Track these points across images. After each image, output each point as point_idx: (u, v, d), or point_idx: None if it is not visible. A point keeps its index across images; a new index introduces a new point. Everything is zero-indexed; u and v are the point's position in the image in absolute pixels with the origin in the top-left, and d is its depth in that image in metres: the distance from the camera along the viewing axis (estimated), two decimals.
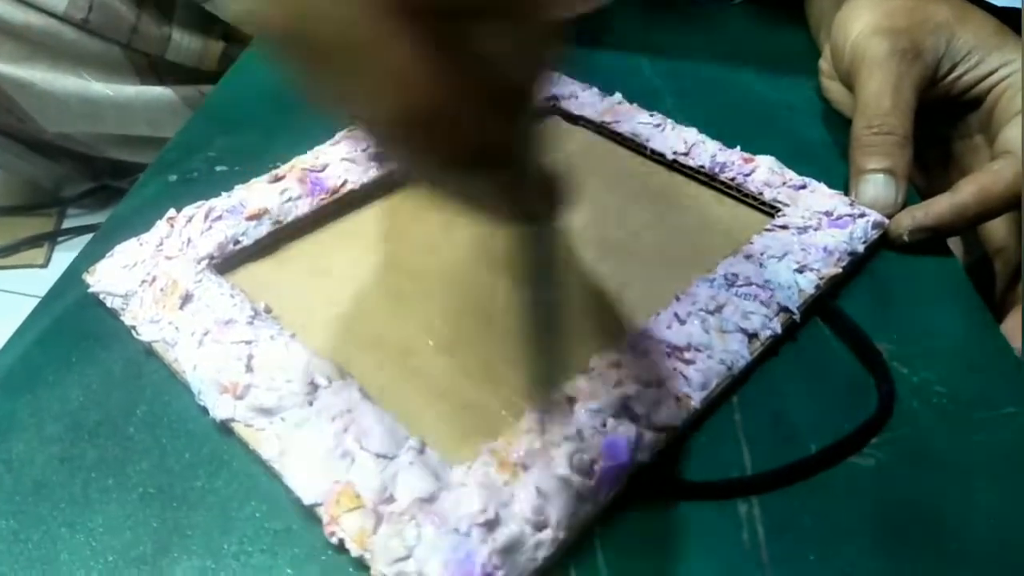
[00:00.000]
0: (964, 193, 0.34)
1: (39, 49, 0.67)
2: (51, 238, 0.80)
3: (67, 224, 0.83)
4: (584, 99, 0.40)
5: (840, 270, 0.31)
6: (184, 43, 0.71)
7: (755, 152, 0.37)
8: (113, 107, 0.71)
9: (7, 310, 0.73)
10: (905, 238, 0.34)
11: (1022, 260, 0.38)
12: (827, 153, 0.40)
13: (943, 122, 0.41)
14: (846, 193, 0.36)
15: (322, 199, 0.32)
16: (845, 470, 0.26)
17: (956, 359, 0.30)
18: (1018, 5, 0.58)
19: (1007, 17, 0.59)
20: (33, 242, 0.79)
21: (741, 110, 0.43)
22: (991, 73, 0.38)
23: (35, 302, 0.76)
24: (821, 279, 0.30)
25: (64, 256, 0.80)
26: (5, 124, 0.72)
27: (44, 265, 0.78)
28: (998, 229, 0.40)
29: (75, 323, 0.28)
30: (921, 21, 0.38)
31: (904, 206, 0.35)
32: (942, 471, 0.26)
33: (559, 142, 0.39)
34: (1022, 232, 0.38)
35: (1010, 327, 0.35)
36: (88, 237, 0.82)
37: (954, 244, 0.43)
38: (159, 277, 0.28)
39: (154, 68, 0.73)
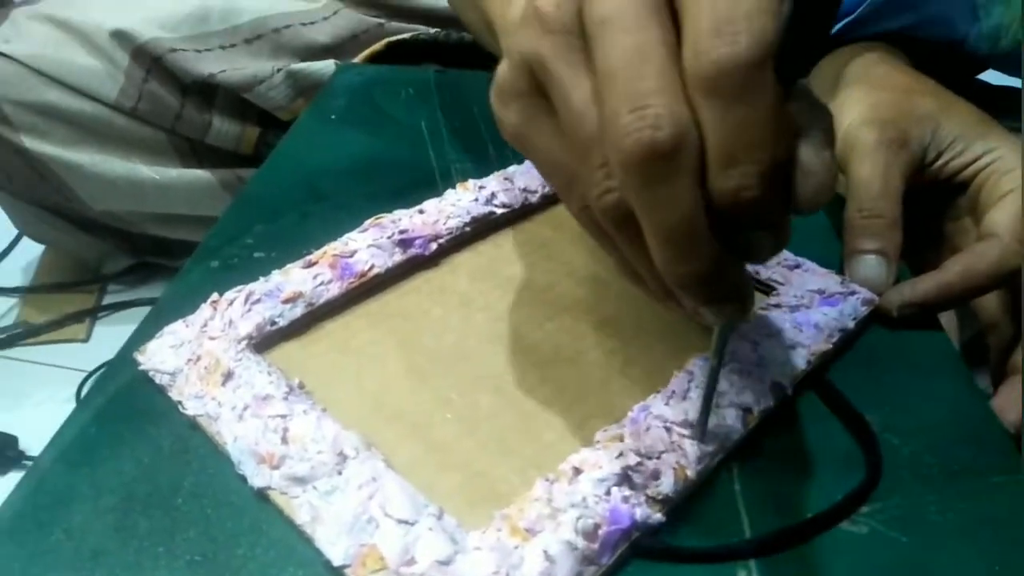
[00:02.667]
0: (950, 272, 0.36)
1: (90, 134, 0.71)
2: (92, 314, 0.84)
3: (107, 300, 0.87)
4: None
5: (831, 346, 0.33)
6: (223, 129, 0.75)
7: None
8: (156, 188, 0.74)
9: (51, 383, 0.76)
10: (894, 314, 0.36)
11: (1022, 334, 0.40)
12: (823, 232, 0.43)
13: (934, 205, 0.43)
14: (839, 271, 0.38)
15: (351, 283, 0.35)
16: (839, 537, 0.27)
17: (945, 430, 0.31)
18: (1013, 84, 0.61)
19: (1003, 95, 0.62)
20: (76, 318, 0.83)
21: None
22: (976, 160, 0.40)
23: (77, 375, 0.79)
24: (812, 355, 0.32)
25: (104, 331, 0.84)
26: (54, 203, 0.76)
27: (86, 340, 0.82)
28: (991, 305, 0.42)
29: (127, 400, 0.31)
30: (908, 112, 0.41)
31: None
32: (933, 538, 0.27)
33: (569, 223, 0.42)
34: (1021, 309, 0.39)
35: (1000, 403, 0.36)
36: (128, 312, 0.86)
37: (951, 319, 0.45)
38: (203, 356, 0.31)
39: (194, 152, 0.77)
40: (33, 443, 0.69)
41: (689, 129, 0.20)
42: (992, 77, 0.63)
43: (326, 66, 0.74)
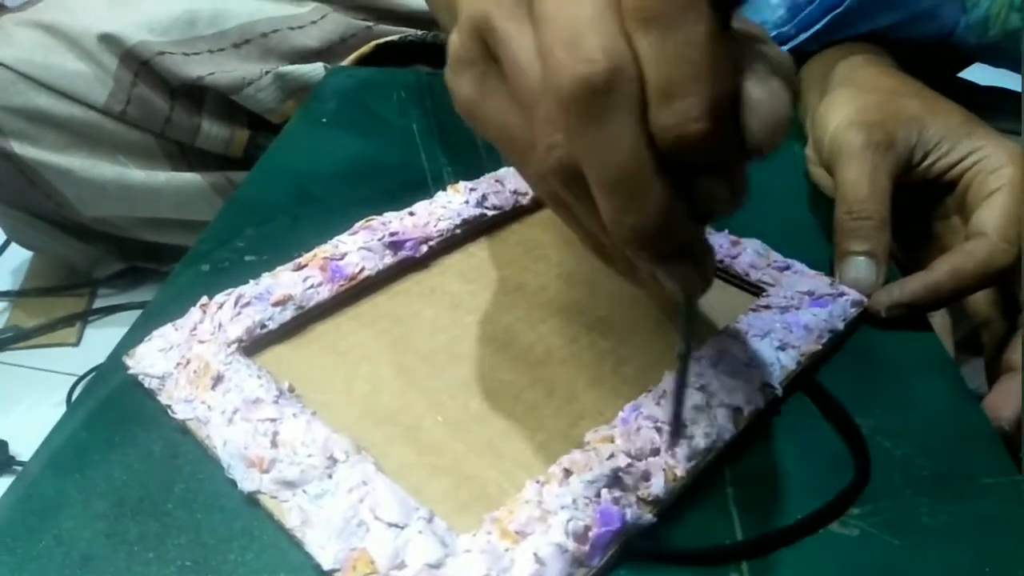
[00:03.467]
0: (938, 272, 0.37)
1: (79, 139, 0.71)
2: (83, 318, 0.84)
3: (98, 304, 0.86)
4: None
5: (820, 347, 0.33)
6: (213, 132, 0.75)
7: (745, 230, 0.39)
8: (146, 192, 0.74)
9: (41, 387, 0.76)
10: (883, 314, 0.36)
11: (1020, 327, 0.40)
12: (812, 234, 0.43)
13: (923, 205, 0.43)
14: (830, 272, 0.38)
15: (341, 285, 0.35)
16: (830, 539, 0.27)
17: (936, 432, 0.32)
18: (1003, 85, 0.62)
19: (990, 96, 0.62)
20: (66, 321, 0.82)
21: None
22: (962, 159, 0.40)
23: (67, 379, 0.79)
24: (802, 356, 0.32)
25: (95, 334, 0.83)
26: (44, 209, 0.76)
27: (76, 344, 0.82)
28: (983, 303, 0.43)
29: (117, 405, 0.30)
30: (894, 114, 0.41)
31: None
32: (924, 540, 0.27)
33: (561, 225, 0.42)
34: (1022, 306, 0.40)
35: (993, 400, 0.37)
36: (118, 316, 0.86)
37: (944, 318, 0.45)
38: (192, 360, 0.31)
39: (184, 155, 0.77)
40: (24, 448, 0.69)
41: (626, 62, 0.19)
42: (977, 76, 0.64)
43: (315, 68, 0.74)
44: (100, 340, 0.82)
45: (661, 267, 0.21)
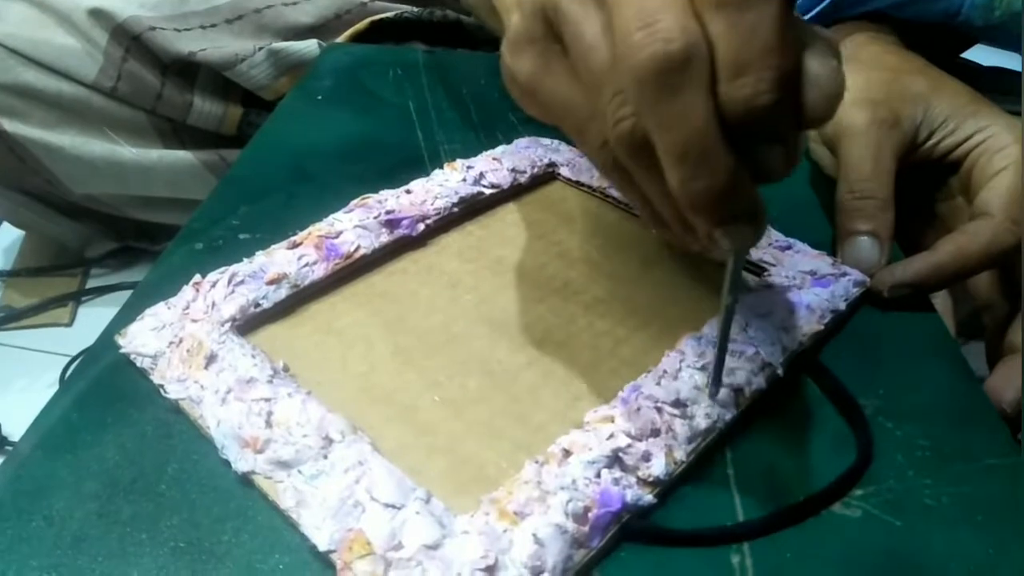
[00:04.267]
0: (942, 252, 0.36)
1: (69, 115, 0.70)
2: (76, 297, 0.83)
3: (91, 284, 0.86)
4: (582, 165, 0.43)
5: (822, 327, 0.33)
6: (205, 109, 0.74)
7: None
8: (137, 169, 0.73)
9: (34, 368, 0.76)
10: (885, 294, 0.36)
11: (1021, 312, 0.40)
12: (814, 213, 0.43)
13: (927, 184, 0.43)
14: (832, 252, 0.38)
15: (336, 264, 0.34)
16: (833, 521, 0.27)
17: (938, 413, 0.31)
18: (1006, 66, 0.61)
19: (993, 77, 0.62)
20: (59, 301, 0.82)
21: None
22: (967, 139, 0.40)
23: (60, 360, 0.78)
24: (804, 336, 0.32)
25: (88, 315, 0.83)
26: (35, 187, 0.75)
27: (69, 324, 0.81)
28: (985, 284, 0.42)
29: (109, 384, 0.30)
30: (899, 92, 0.40)
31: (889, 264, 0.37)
32: (926, 522, 0.27)
33: (559, 204, 0.41)
34: (1022, 288, 0.39)
35: (995, 382, 0.36)
36: (111, 296, 0.85)
37: (946, 299, 0.45)
38: (185, 339, 0.30)
39: (176, 133, 0.76)
40: (16, 429, 0.68)
41: (699, 40, 0.20)
42: (978, 58, 0.63)
43: (309, 45, 0.73)
44: (93, 320, 0.82)
45: (721, 229, 0.23)
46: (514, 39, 0.26)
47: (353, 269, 0.35)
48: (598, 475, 0.25)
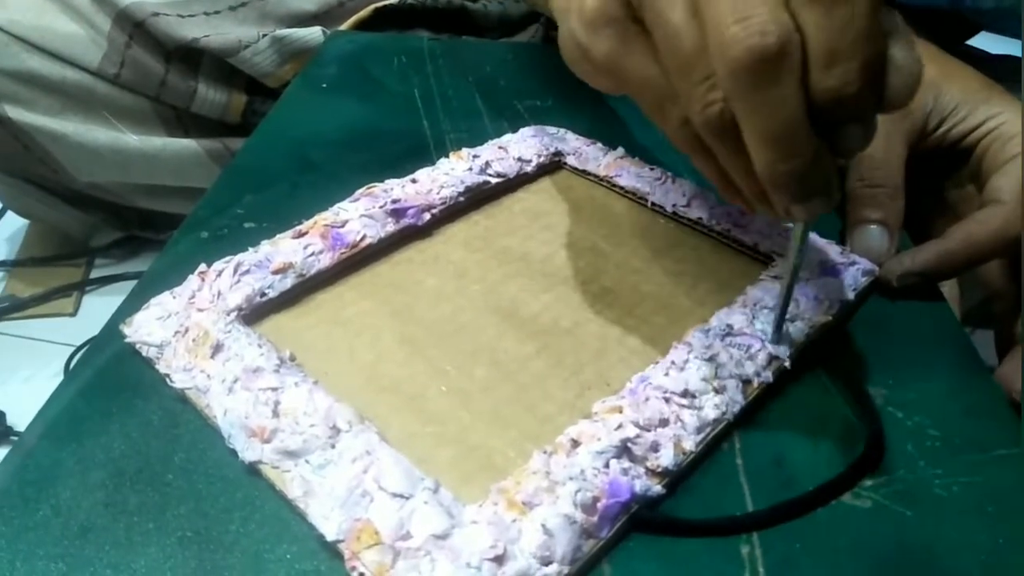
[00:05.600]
0: (952, 240, 0.36)
1: (73, 103, 0.70)
2: (80, 287, 0.83)
3: (95, 273, 0.86)
4: (588, 154, 0.43)
5: (831, 317, 0.32)
6: (209, 96, 0.74)
7: None
8: (141, 158, 0.73)
9: (39, 357, 0.76)
10: (895, 283, 0.36)
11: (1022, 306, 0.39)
12: None
13: (938, 172, 0.43)
14: (840, 241, 0.38)
15: (342, 253, 0.34)
16: (843, 511, 0.27)
17: (949, 403, 0.31)
18: (1013, 53, 0.61)
19: (1002, 64, 0.61)
20: (63, 291, 0.81)
21: None
22: (979, 126, 0.39)
23: (65, 349, 0.79)
24: (812, 327, 0.32)
25: (92, 304, 0.83)
26: (39, 175, 0.75)
27: (73, 314, 0.81)
28: (995, 273, 0.42)
29: (115, 374, 0.30)
30: None
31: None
32: (936, 512, 0.27)
33: (566, 194, 0.41)
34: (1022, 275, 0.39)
35: (1005, 372, 0.36)
36: (116, 285, 0.85)
37: (953, 289, 0.45)
38: (191, 328, 0.30)
39: (180, 120, 0.75)
40: (21, 419, 0.69)
41: (792, 33, 0.21)
42: (988, 45, 0.63)
43: (312, 32, 0.73)
44: (97, 310, 0.82)
45: (801, 204, 0.24)
46: (592, 18, 0.26)
47: (359, 259, 0.35)
48: (607, 465, 0.25)
